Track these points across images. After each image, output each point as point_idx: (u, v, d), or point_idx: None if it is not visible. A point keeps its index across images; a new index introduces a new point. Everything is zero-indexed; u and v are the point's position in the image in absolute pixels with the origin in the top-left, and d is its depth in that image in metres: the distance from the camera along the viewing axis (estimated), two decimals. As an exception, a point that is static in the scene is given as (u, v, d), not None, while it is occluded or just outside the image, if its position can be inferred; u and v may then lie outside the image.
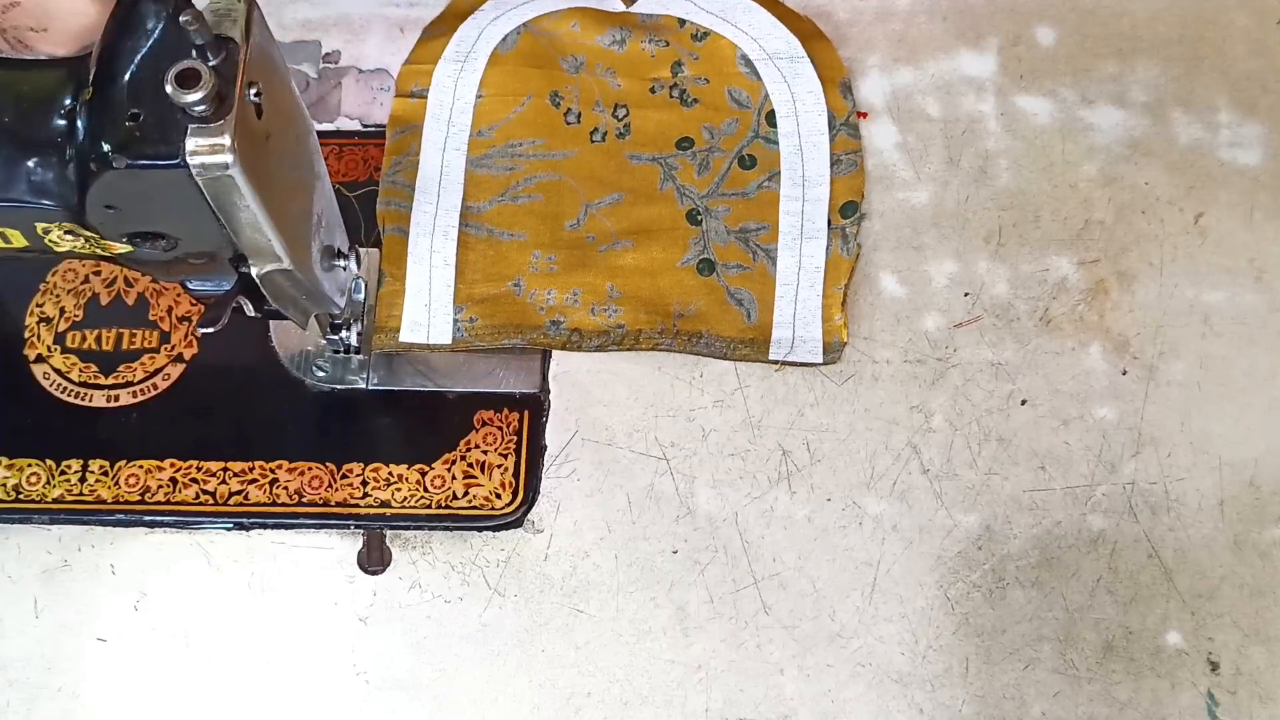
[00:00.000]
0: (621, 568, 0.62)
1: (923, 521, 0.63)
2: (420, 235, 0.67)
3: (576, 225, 0.68)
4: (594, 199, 0.68)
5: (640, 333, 0.65)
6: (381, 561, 0.62)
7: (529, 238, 0.67)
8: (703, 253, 0.67)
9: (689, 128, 0.70)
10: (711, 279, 0.67)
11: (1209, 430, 0.64)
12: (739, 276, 0.67)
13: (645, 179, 0.69)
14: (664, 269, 0.67)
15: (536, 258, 0.67)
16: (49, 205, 0.47)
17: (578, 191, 0.68)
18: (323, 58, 0.73)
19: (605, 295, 0.66)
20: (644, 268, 0.67)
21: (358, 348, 0.66)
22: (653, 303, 0.66)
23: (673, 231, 0.68)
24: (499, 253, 0.67)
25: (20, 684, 0.61)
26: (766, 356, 0.65)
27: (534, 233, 0.67)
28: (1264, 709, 0.59)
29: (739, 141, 0.70)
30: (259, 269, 0.52)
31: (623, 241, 0.67)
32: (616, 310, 0.66)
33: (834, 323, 0.66)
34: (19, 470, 0.64)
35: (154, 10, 0.45)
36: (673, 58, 0.71)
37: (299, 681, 0.61)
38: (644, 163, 0.69)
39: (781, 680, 0.60)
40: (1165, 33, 0.72)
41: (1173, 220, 0.68)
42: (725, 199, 0.68)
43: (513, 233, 0.67)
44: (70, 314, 0.67)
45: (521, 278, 0.66)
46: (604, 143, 0.70)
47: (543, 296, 0.66)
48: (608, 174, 0.69)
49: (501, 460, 0.64)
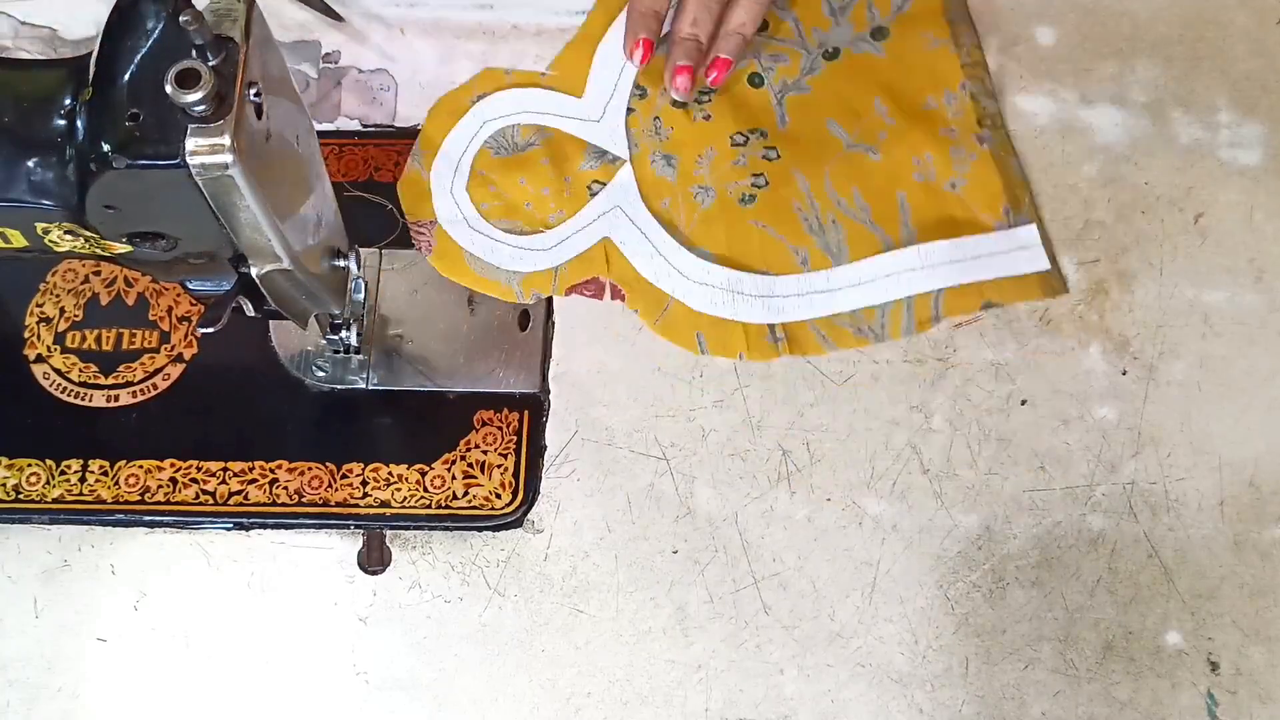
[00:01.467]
0: (621, 568, 0.62)
1: (923, 521, 0.63)
2: (940, 279, 0.67)
3: (875, 154, 0.69)
4: (839, 147, 0.69)
5: (964, 68, 0.70)
6: (381, 561, 0.62)
7: (903, 190, 0.68)
8: (867, 36, 0.71)
9: (739, 85, 0.71)
10: (890, 29, 0.72)
11: (1209, 430, 0.64)
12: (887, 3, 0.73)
13: (806, 103, 0.70)
14: (891, 68, 0.70)
15: (920, 177, 0.68)
16: (49, 205, 0.47)
17: (839, 158, 0.69)
18: (323, 58, 0.73)
19: (937, 111, 0.70)
20: (901, 81, 0.70)
21: (358, 348, 0.65)
22: (931, 69, 0.70)
23: (850, 66, 0.70)
24: (927, 204, 0.68)
25: (20, 684, 0.61)
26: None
27: (897, 181, 0.68)
28: (1264, 709, 0.59)
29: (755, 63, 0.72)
30: (259, 269, 0.52)
31: (878, 108, 0.70)
32: (950, 97, 0.70)
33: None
34: (19, 470, 0.64)
35: (154, 10, 0.45)
36: (668, 110, 0.70)
37: (299, 681, 0.61)
38: (787, 110, 0.70)
39: (781, 680, 0.60)
40: (1165, 33, 0.72)
41: (1173, 220, 0.68)
42: (807, 38, 0.71)
43: (901, 208, 0.68)
44: (70, 314, 0.67)
45: (950, 179, 0.68)
46: (775, 148, 0.69)
47: (960, 157, 0.68)
48: (806, 137, 0.70)
49: (501, 460, 0.64)
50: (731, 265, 0.67)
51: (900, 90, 0.70)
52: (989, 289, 0.66)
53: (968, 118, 0.69)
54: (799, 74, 0.70)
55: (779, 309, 0.66)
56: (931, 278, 0.66)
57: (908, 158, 0.68)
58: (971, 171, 0.68)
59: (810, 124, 0.70)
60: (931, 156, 0.68)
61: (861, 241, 0.67)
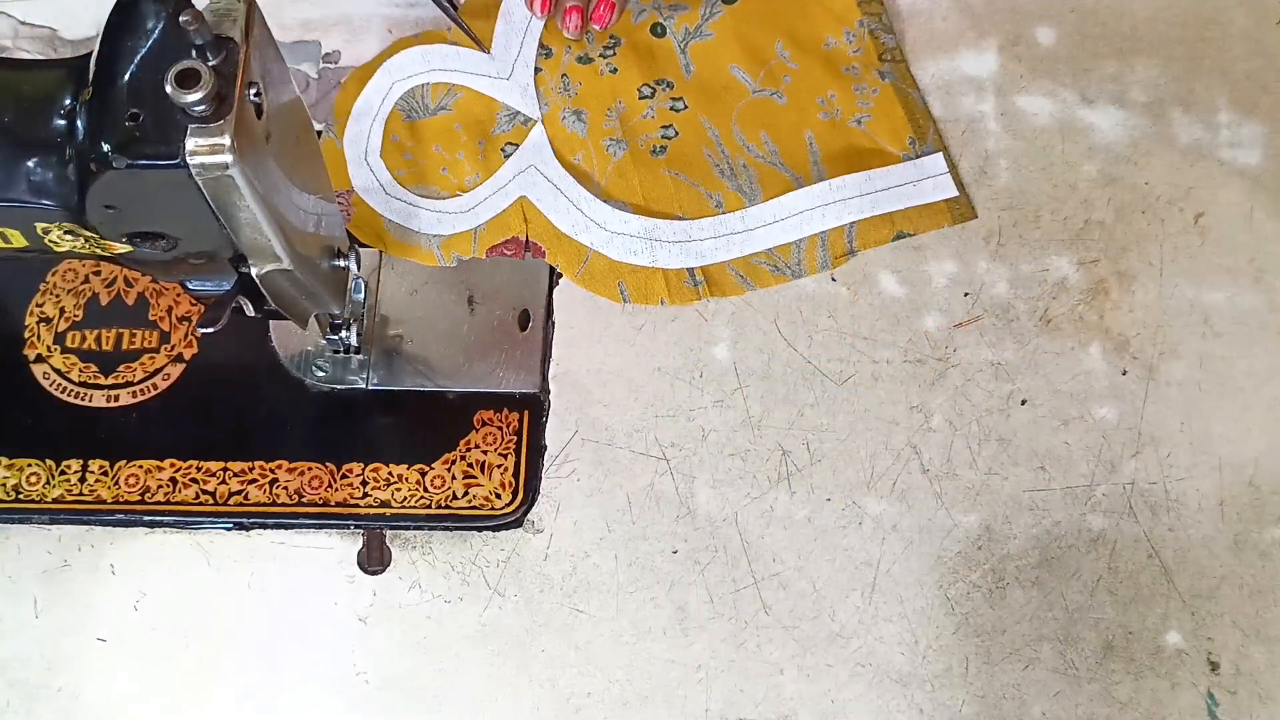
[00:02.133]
0: (621, 568, 0.62)
1: (923, 521, 0.63)
2: (839, 217, 0.68)
3: (781, 97, 0.70)
4: (746, 92, 0.70)
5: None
6: (381, 561, 0.62)
7: (808, 127, 0.69)
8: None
9: (640, 33, 0.72)
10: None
11: (1209, 430, 0.64)
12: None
13: (707, 49, 0.71)
14: (786, 6, 0.72)
15: (825, 117, 0.69)
16: (49, 205, 0.47)
17: (746, 102, 0.70)
18: (323, 58, 0.73)
19: (837, 50, 0.71)
20: (795, 19, 0.71)
21: (358, 348, 0.65)
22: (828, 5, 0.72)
23: (750, 8, 0.72)
24: (832, 139, 0.70)
25: (20, 684, 0.61)
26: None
27: (801, 119, 0.70)
28: (1264, 709, 0.59)
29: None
30: (259, 269, 0.52)
31: (780, 52, 0.71)
32: (850, 34, 0.71)
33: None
34: (19, 470, 0.64)
35: (154, 10, 0.45)
36: (574, 67, 0.71)
37: (299, 681, 0.61)
38: (690, 57, 0.71)
39: (781, 680, 0.60)
40: (1165, 33, 0.72)
41: (1173, 220, 0.68)
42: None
43: (809, 145, 0.69)
44: (70, 314, 0.67)
45: (853, 115, 0.70)
46: (682, 97, 0.71)
47: (863, 95, 0.70)
48: (712, 83, 0.71)
49: (501, 460, 0.64)
50: (647, 214, 0.68)
51: (800, 31, 0.72)
52: (900, 219, 0.67)
53: (868, 54, 0.70)
54: (699, 21, 0.71)
55: (697, 253, 0.67)
56: (843, 211, 0.67)
57: (812, 98, 0.70)
58: (875, 106, 0.69)
59: (715, 71, 0.71)
60: (835, 95, 0.70)
61: (773, 182, 0.68)
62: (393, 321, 0.67)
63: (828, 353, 0.66)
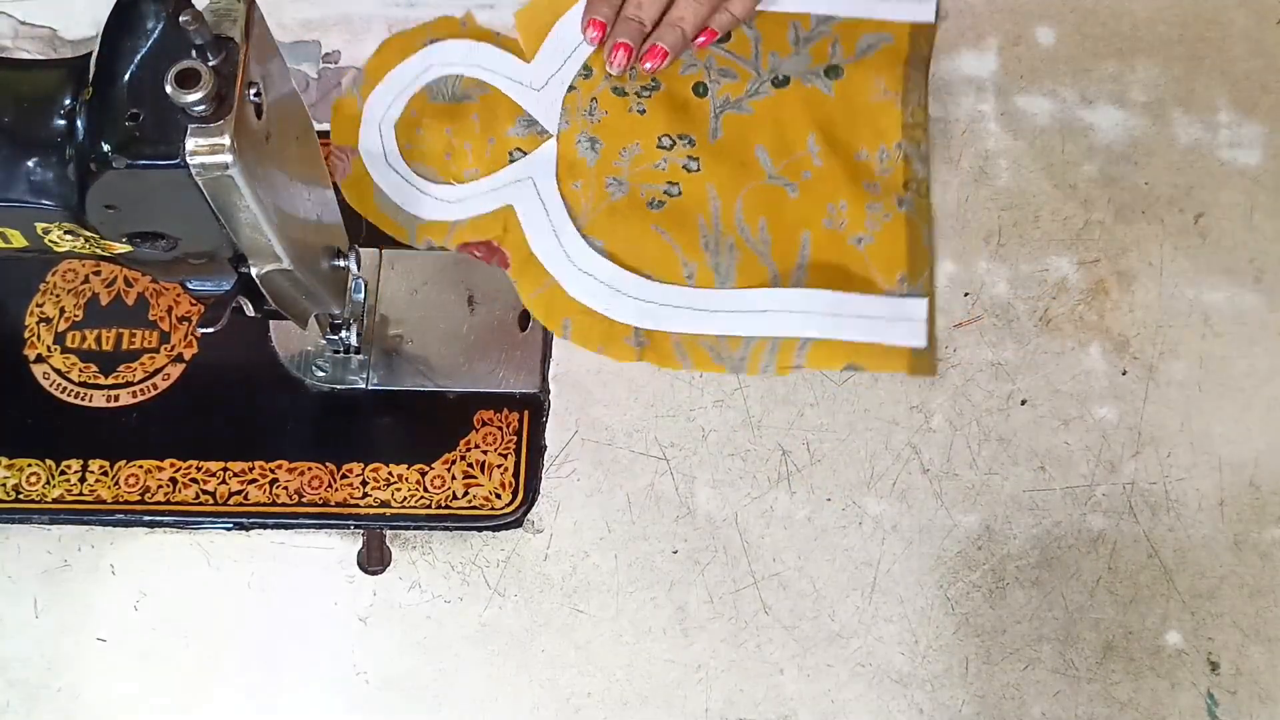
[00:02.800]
0: (621, 568, 0.62)
1: (923, 521, 0.63)
2: (803, 328, 0.66)
3: (795, 191, 0.68)
4: (763, 174, 0.69)
5: (906, 126, 0.69)
6: (381, 561, 0.62)
7: (809, 230, 0.68)
8: (819, 74, 0.70)
9: (683, 87, 0.71)
10: (846, 69, 0.70)
11: (1209, 430, 0.64)
12: (844, 45, 0.71)
13: (741, 123, 0.70)
14: (837, 109, 0.70)
15: (830, 224, 0.67)
16: (49, 205, 0.47)
17: (756, 184, 0.69)
18: (323, 58, 0.73)
19: (868, 162, 0.69)
20: (840, 125, 0.70)
21: (358, 348, 0.65)
22: (872, 119, 0.69)
23: (799, 99, 0.70)
24: (823, 252, 0.67)
25: (20, 684, 0.61)
26: (931, 22, 0.71)
27: (805, 221, 0.68)
28: (1264, 709, 0.59)
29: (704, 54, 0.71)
30: (259, 269, 0.52)
31: (810, 146, 0.69)
32: (884, 153, 0.69)
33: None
34: (19, 470, 0.64)
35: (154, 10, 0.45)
36: (607, 96, 0.70)
37: (299, 681, 0.61)
38: (721, 124, 0.70)
39: (781, 680, 0.60)
40: (1165, 33, 0.72)
41: (1173, 220, 0.68)
42: (761, 58, 0.71)
43: (802, 248, 0.67)
44: (70, 314, 0.67)
45: (855, 234, 0.67)
46: (699, 159, 0.69)
47: (876, 214, 0.67)
48: (733, 158, 0.69)
49: (501, 460, 0.64)
50: (618, 263, 0.67)
51: (837, 133, 0.69)
52: (857, 351, 0.65)
53: (895, 177, 0.68)
54: (743, 94, 0.70)
55: (652, 315, 0.66)
56: (805, 324, 0.65)
57: (823, 202, 0.68)
58: (881, 231, 0.67)
59: (740, 145, 0.69)
60: (846, 206, 0.67)
61: (752, 272, 0.66)
62: (393, 321, 0.67)
63: (828, 353, 0.66)
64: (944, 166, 0.70)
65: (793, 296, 0.65)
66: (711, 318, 0.66)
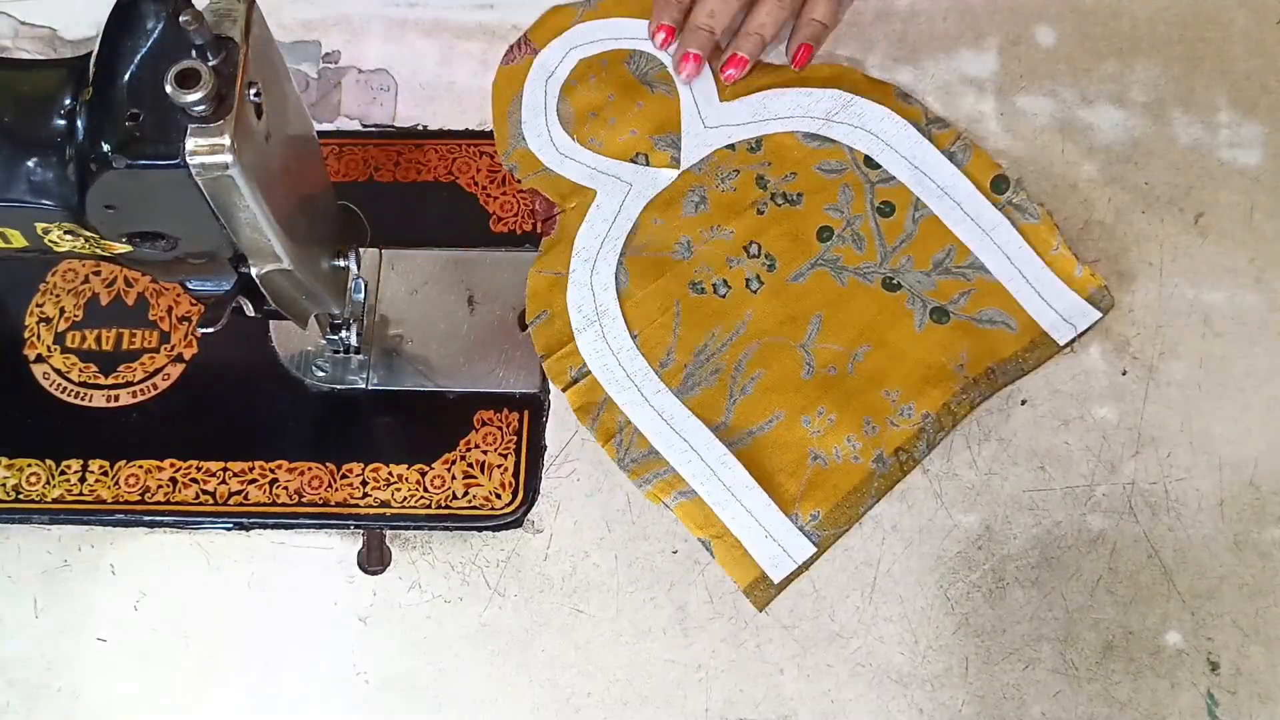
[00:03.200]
0: (621, 568, 0.62)
1: (923, 521, 0.63)
2: (701, 481, 0.62)
3: (810, 373, 0.64)
4: (800, 339, 0.65)
5: (945, 407, 0.63)
6: (381, 561, 0.62)
7: (787, 412, 0.63)
8: (925, 306, 0.65)
9: (816, 220, 0.68)
10: (954, 322, 0.65)
11: (1209, 430, 0.64)
12: (971, 301, 0.65)
13: (824, 287, 0.66)
14: (910, 346, 0.65)
15: (808, 422, 0.63)
16: (49, 205, 0.47)
17: (785, 343, 0.65)
18: (323, 58, 0.73)
19: (887, 404, 0.64)
20: (896, 358, 0.64)
21: (358, 348, 0.66)
22: (928, 377, 0.64)
23: (889, 311, 0.65)
24: (778, 440, 0.63)
25: (20, 684, 0.61)
26: (1057, 346, 0.65)
27: (789, 403, 0.64)
28: (1264, 709, 0.59)
29: (864, 199, 0.68)
30: (259, 269, 0.52)
31: (857, 352, 0.65)
32: (909, 409, 0.63)
33: (1078, 278, 0.65)
34: (19, 470, 0.64)
35: (154, 10, 0.45)
36: (751, 177, 0.69)
37: (299, 681, 0.61)
38: (809, 276, 0.66)
39: (781, 680, 0.60)
40: (1165, 33, 0.72)
41: (1173, 220, 0.68)
42: (898, 252, 0.66)
43: (768, 421, 0.64)
44: (70, 314, 0.67)
45: (818, 450, 0.63)
46: (764, 286, 0.66)
47: (849, 450, 0.63)
48: (790, 308, 0.66)
49: (501, 460, 0.64)
50: (624, 311, 0.65)
51: (886, 361, 0.65)
52: (724, 539, 0.61)
53: (900, 436, 0.63)
54: (852, 268, 0.66)
55: (612, 371, 0.64)
56: (710, 484, 0.62)
57: (817, 403, 0.63)
58: (833, 469, 0.62)
59: (805, 301, 0.66)
60: (833, 420, 0.63)
61: (710, 406, 0.64)
62: (393, 321, 0.67)
63: (828, 353, 0.66)
64: (944, 166, 0.69)
65: (718, 454, 0.62)
66: (643, 408, 0.64)
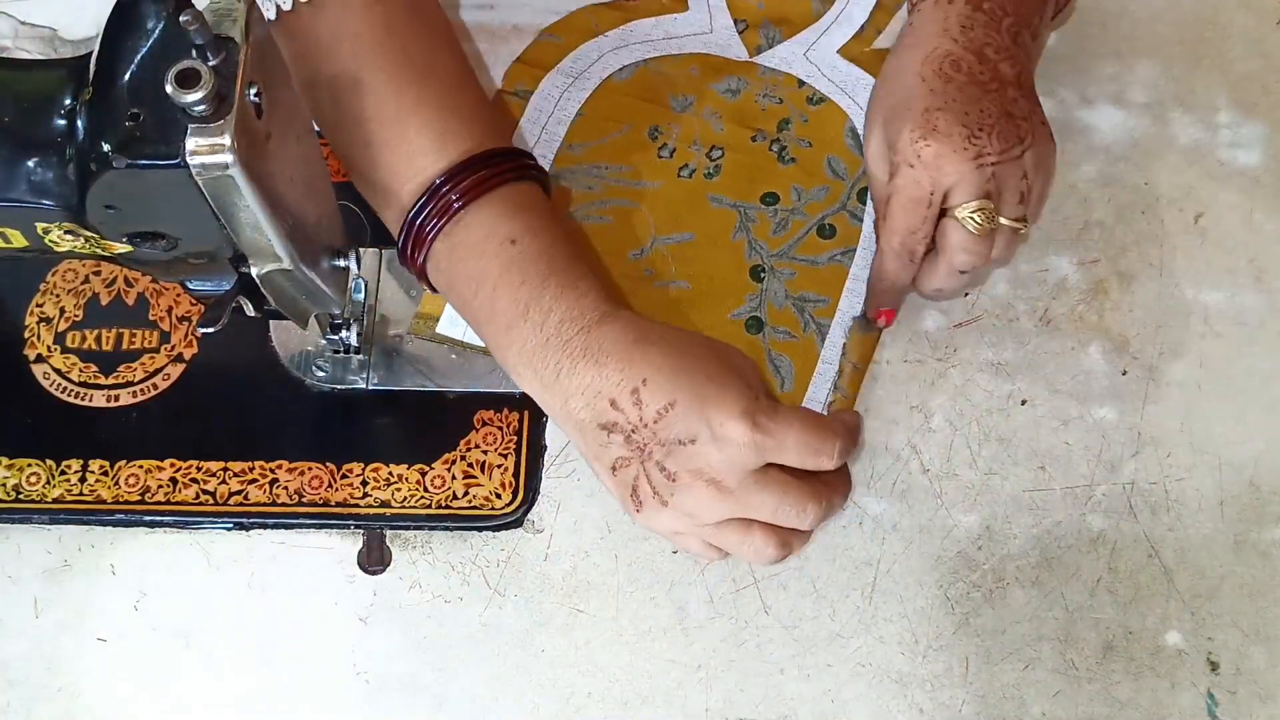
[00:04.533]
0: (621, 567, 0.62)
1: (923, 521, 0.63)
2: None
3: (639, 255, 0.67)
4: (664, 233, 0.67)
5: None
6: (381, 561, 0.62)
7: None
8: (755, 310, 0.66)
9: (779, 183, 0.69)
10: (757, 338, 0.65)
11: (1209, 430, 0.64)
12: (784, 343, 0.66)
13: (720, 224, 0.68)
14: (713, 317, 0.66)
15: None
16: (49, 205, 0.47)
17: (650, 222, 0.68)
18: (323, 58, 0.73)
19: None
20: (693, 312, 0.66)
21: (358, 348, 0.65)
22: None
23: (733, 283, 0.67)
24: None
25: (20, 684, 0.61)
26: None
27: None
28: (1264, 709, 0.59)
29: (824, 209, 0.68)
30: (259, 269, 0.52)
31: (679, 282, 0.66)
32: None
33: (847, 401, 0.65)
34: (19, 470, 0.64)
35: (154, 10, 0.45)
36: (782, 114, 0.70)
37: (299, 681, 0.60)
38: (723, 207, 0.68)
39: (781, 680, 0.60)
40: (1165, 33, 0.72)
41: (1173, 220, 0.68)
42: (794, 263, 0.67)
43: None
44: (70, 314, 0.67)
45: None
46: (689, 179, 0.69)
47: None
48: (684, 211, 0.68)
49: (501, 460, 0.64)
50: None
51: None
52: None
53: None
54: (760, 237, 0.68)
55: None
56: None
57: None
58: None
59: (691, 213, 0.68)
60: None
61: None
62: (393, 321, 0.67)
63: (828, 353, 0.66)
64: (944, 166, 0.69)
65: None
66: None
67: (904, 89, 0.61)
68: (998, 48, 0.61)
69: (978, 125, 0.59)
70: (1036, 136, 0.60)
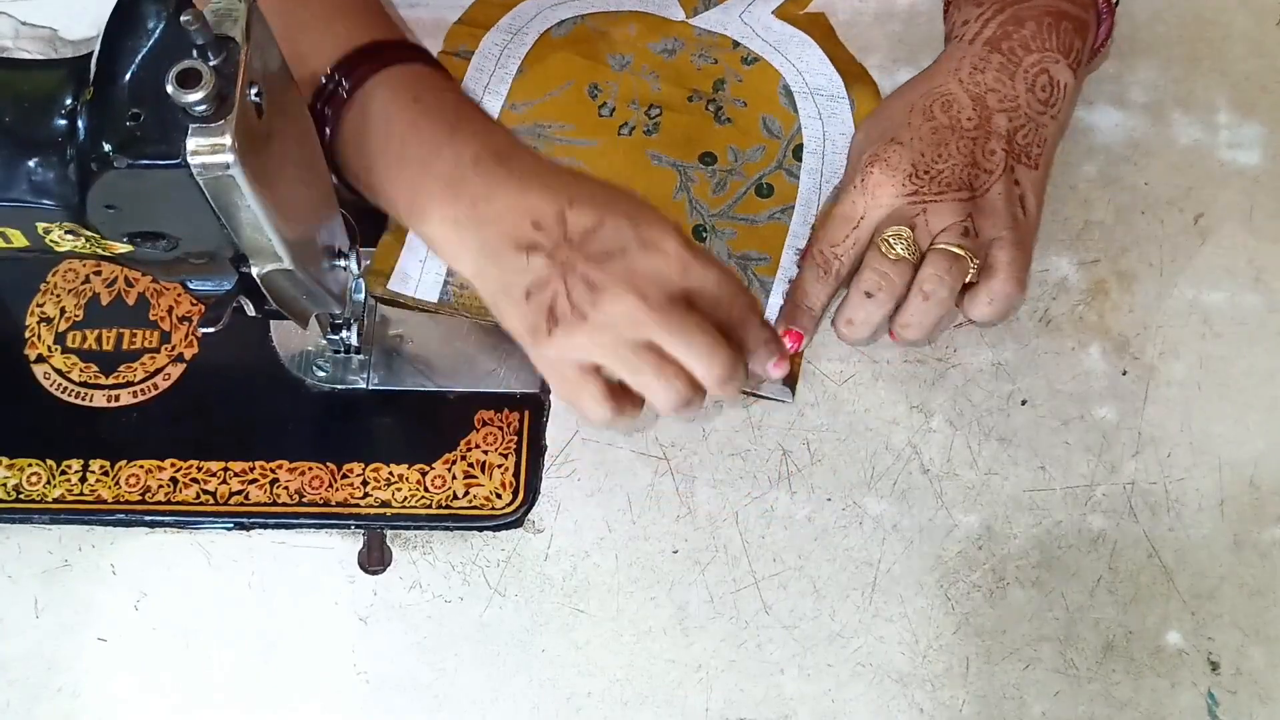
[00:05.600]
0: (621, 568, 0.62)
1: (923, 521, 0.63)
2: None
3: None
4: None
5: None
6: (381, 561, 0.62)
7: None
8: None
9: (716, 144, 0.70)
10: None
11: (1209, 430, 0.64)
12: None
13: (661, 182, 0.69)
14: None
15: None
16: (50, 205, 0.47)
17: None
18: (323, 58, 0.73)
19: None
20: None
21: (358, 348, 0.65)
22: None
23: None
24: None
25: (20, 684, 0.61)
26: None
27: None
28: (1264, 709, 0.59)
29: (761, 169, 0.69)
30: (259, 269, 0.52)
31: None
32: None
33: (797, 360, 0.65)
34: (19, 470, 0.64)
35: (154, 10, 0.45)
36: (718, 74, 0.71)
37: (299, 681, 0.61)
38: (663, 165, 0.69)
39: (781, 680, 0.60)
40: (1165, 33, 0.72)
41: (1173, 220, 0.68)
42: (734, 222, 0.68)
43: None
44: (70, 314, 0.67)
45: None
46: (630, 137, 0.70)
47: None
48: (625, 169, 0.69)
49: (502, 460, 0.64)
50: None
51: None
52: None
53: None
54: (700, 197, 0.68)
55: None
56: None
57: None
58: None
59: (636, 175, 0.68)
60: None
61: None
62: (393, 321, 0.67)
63: (828, 352, 0.66)
64: (944, 167, 0.69)
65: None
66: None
67: (893, 116, 0.63)
68: (1003, 96, 0.62)
69: (926, 167, 0.61)
70: (996, 190, 0.60)
